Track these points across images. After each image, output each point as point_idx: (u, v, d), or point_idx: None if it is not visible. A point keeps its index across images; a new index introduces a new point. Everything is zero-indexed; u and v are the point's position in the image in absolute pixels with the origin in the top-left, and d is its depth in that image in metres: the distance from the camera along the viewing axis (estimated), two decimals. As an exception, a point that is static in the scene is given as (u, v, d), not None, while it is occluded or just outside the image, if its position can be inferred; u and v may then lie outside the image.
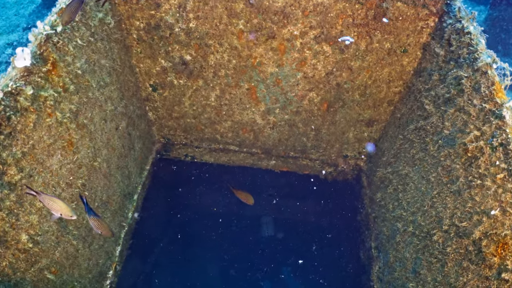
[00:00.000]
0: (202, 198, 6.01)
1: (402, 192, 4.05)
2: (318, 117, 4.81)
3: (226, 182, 5.85)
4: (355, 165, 5.53)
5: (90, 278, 4.01)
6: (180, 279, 5.82)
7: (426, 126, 3.70)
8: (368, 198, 5.07)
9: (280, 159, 5.54)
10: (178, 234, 5.86)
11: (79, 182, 3.55)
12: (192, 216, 5.89)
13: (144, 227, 5.46)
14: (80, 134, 3.48)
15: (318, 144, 5.22)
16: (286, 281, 5.47)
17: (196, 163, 5.89)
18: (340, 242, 5.47)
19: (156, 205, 5.74)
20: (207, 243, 5.84)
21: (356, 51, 4.13)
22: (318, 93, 4.52)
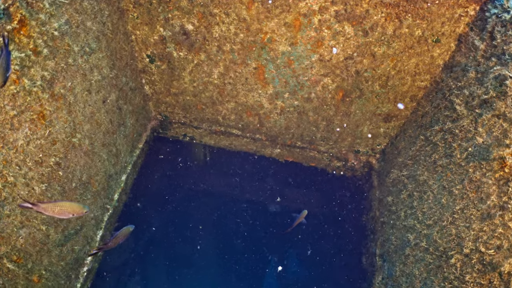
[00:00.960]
0: (199, 181, 5.60)
1: (417, 200, 3.57)
2: (331, 106, 4.30)
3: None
4: (367, 162, 5.03)
5: (63, 266, 3.65)
6: (167, 264, 5.50)
7: (454, 130, 3.18)
8: (377, 200, 4.60)
9: (285, 148, 5.06)
10: (170, 218, 5.50)
11: (52, 160, 3.13)
12: (187, 200, 5.50)
13: (133, 209, 5.09)
14: (55, 106, 3.04)
15: (328, 135, 4.72)
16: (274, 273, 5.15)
17: (195, 144, 5.44)
18: (341, 242, 5.04)
19: (148, 186, 5.35)
20: (199, 229, 5.48)
21: (382, 35, 3.58)
22: (334, 79, 4.00)
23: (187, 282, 5.40)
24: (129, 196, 5.01)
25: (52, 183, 3.21)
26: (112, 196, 4.45)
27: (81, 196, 3.69)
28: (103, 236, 4.31)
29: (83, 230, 3.90)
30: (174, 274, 5.49)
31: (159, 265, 6.97)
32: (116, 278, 6.21)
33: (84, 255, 4.04)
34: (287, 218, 5.38)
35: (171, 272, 5.91)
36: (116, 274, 6.12)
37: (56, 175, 3.25)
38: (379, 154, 4.93)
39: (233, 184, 5.53)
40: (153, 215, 5.40)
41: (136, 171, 5.15)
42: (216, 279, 5.36)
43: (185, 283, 5.39)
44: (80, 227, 3.81)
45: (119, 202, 4.64)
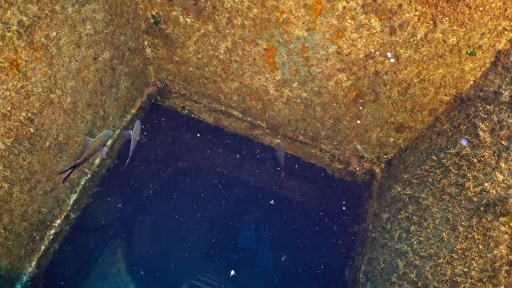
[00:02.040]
0: (191, 157, 5.31)
1: (416, 226, 3.23)
2: (342, 105, 3.92)
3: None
4: (370, 169, 4.67)
5: (26, 226, 3.40)
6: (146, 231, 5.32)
7: (472, 158, 2.80)
8: (373, 212, 4.26)
9: (286, 139, 4.71)
10: (154, 189, 5.25)
11: (23, 115, 2.83)
12: (175, 174, 5.23)
13: (116, 176, 4.82)
14: (33, 56, 2.71)
15: (334, 135, 4.36)
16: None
17: (193, 119, 5.11)
18: (326, 247, 4.75)
19: (137, 154, 5.07)
20: (185, 201, 5.25)
21: (411, 37, 3.17)
22: (349, 76, 3.60)
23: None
24: (115, 162, 4.74)
25: (21, 139, 2.92)
26: (93, 161, 4.17)
27: (54, 157, 3.40)
28: (76, 200, 4.05)
29: (54, 192, 3.64)
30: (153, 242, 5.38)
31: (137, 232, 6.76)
32: (90, 242, 6.01)
33: (52, 218, 3.79)
34: (274, 208, 5.10)
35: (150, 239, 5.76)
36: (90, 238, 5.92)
37: (27, 132, 2.95)
38: (384, 164, 4.56)
39: (227, 165, 5.22)
40: (138, 184, 5.14)
41: (125, 137, 4.85)
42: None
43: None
44: (50, 189, 3.55)
45: (101, 167, 4.37)
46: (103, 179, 4.60)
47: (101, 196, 4.64)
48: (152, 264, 8.40)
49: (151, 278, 8.25)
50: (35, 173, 3.22)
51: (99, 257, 7.48)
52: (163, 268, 8.26)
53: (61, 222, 3.91)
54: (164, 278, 8.52)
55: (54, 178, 3.52)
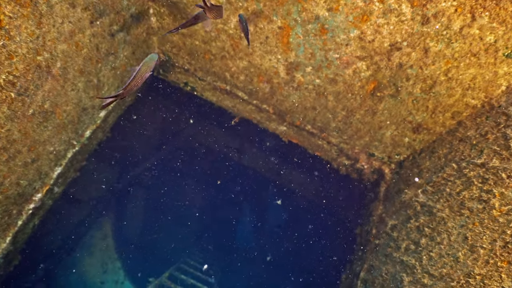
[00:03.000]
0: (190, 136, 5.01)
1: (427, 239, 2.94)
2: (357, 97, 3.58)
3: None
4: (379, 169, 4.36)
5: (0, 199, 3.13)
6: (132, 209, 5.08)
7: (500, 172, 2.49)
8: (379, 216, 3.98)
9: (292, 127, 4.39)
10: (147, 166, 4.97)
11: (2, 77, 2.52)
12: (171, 152, 4.95)
13: (108, 150, 4.53)
14: (19, 13, 2.38)
15: (344, 128, 4.03)
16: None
17: (195, 96, 4.79)
18: (324, 248, 4.49)
19: (134, 129, 4.77)
20: (177, 180, 4.99)
21: (445, 29, 2.82)
22: (370, 66, 3.26)
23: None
24: (108, 135, 4.44)
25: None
26: (83, 132, 3.86)
27: (38, 126, 3.10)
28: (61, 173, 3.77)
29: (36, 164, 3.35)
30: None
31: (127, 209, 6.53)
32: (76, 217, 5.78)
33: (33, 191, 3.52)
34: (271, 201, 4.83)
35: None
36: (76, 213, 5.69)
37: (7, 96, 2.64)
38: (395, 165, 4.25)
39: (226, 146, 4.93)
40: (131, 159, 4.87)
41: (121, 109, 4.54)
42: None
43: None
44: (32, 160, 3.26)
45: (91, 140, 4.07)
46: (94, 153, 4.31)
47: (90, 171, 4.37)
48: (141, 242, 8.20)
49: (140, 257, 8.05)
50: (15, 142, 2.92)
51: (87, 233, 7.27)
52: (153, 247, 8.06)
53: (43, 196, 3.64)
54: (153, 258, 8.33)
55: (36, 148, 3.23)
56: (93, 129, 3.95)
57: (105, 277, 8.00)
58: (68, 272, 7.69)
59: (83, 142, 3.90)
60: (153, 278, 5.68)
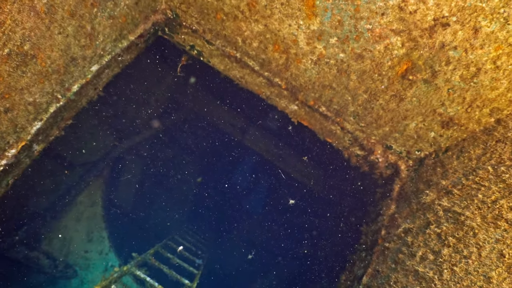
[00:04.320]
0: (191, 106, 4.57)
1: (450, 250, 2.52)
2: (385, 78, 3.13)
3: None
4: (394, 164, 3.93)
5: (-36, 148, 2.72)
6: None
7: (556, 181, 2.05)
8: (390, 216, 3.56)
9: (305, 107, 3.94)
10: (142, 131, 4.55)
11: (-33, 1, 2.07)
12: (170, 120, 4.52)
13: (99, 110, 4.11)
14: None
15: (363, 114, 3.58)
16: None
17: (201, 62, 4.33)
18: (324, 244, 4.09)
19: (130, 91, 4.33)
20: (172, 150, 4.57)
21: (503, 7, 2.34)
22: (406, 43, 2.80)
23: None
24: (100, 94, 4.00)
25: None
26: (70, 86, 3.43)
27: (15, 69, 2.67)
28: (42, 130, 3.35)
29: (11, 114, 2.92)
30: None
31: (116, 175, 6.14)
32: (59, 180, 5.40)
33: (5, 145, 3.10)
34: (271, 188, 4.41)
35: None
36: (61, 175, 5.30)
37: (-26, 26, 2.20)
38: (414, 161, 3.81)
39: (229, 121, 4.50)
40: (124, 122, 4.45)
41: (119, 67, 4.09)
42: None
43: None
44: (5, 109, 2.83)
45: (80, 96, 3.64)
46: (82, 111, 3.88)
47: (77, 131, 3.96)
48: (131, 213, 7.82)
49: (128, 229, 7.68)
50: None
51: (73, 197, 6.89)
52: (143, 220, 7.67)
53: (17, 152, 3.22)
54: (142, 231, 7.96)
55: (12, 96, 2.81)
56: (82, 83, 3.51)
57: (89, 246, 7.70)
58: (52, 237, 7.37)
59: (69, 97, 3.47)
60: (137, 254, 5.31)
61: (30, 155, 3.47)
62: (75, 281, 7.36)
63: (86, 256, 7.59)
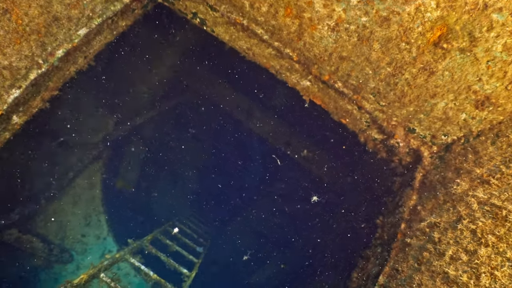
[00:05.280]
0: (191, 82, 4.17)
1: (489, 250, 2.11)
2: (414, 47, 2.69)
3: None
4: (416, 150, 3.50)
5: None
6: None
7: None
8: (411, 208, 3.14)
9: (318, 83, 3.51)
10: (137, 107, 4.17)
11: None
12: (166, 98, 4.13)
13: (89, 81, 3.72)
14: None
15: (385, 91, 3.15)
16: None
17: (203, 32, 3.91)
18: (334, 238, 3.70)
19: (123, 61, 3.93)
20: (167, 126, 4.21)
21: None
22: (441, 3, 2.36)
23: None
24: (91, 63, 3.62)
25: None
26: (53, 51, 3.03)
27: (-20, 22, 2.28)
28: (21, 99, 2.97)
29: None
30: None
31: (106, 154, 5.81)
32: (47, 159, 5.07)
33: (-25, 112, 2.73)
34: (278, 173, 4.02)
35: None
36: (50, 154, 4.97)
37: None
38: (439, 147, 3.38)
39: (234, 100, 4.10)
40: (116, 95, 4.06)
41: (112, 34, 3.69)
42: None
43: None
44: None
45: (67, 64, 3.25)
46: (71, 81, 3.50)
47: (64, 104, 3.59)
48: (131, 196, 7.48)
49: (128, 213, 7.34)
50: None
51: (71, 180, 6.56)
52: (143, 204, 7.32)
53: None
54: (142, 215, 7.62)
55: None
56: (68, 49, 3.12)
57: (87, 230, 7.41)
58: (48, 220, 7.08)
59: (53, 63, 3.07)
60: (132, 240, 4.98)
61: (10, 128, 3.11)
62: (71, 266, 7.08)
63: (83, 240, 7.30)
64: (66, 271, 7.03)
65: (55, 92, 3.36)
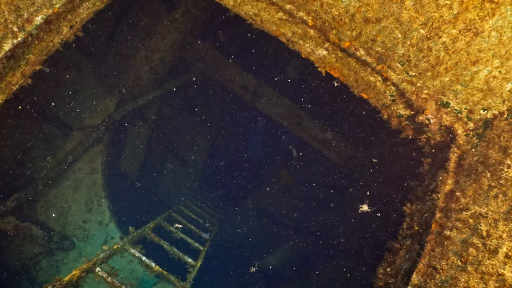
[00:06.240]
0: (190, 56, 3.74)
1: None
2: (455, 3, 2.23)
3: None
4: (450, 127, 3.06)
5: None
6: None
7: None
8: (446, 194, 2.73)
9: (336, 52, 3.05)
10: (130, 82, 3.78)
11: None
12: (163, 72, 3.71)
13: (76, 54, 3.31)
14: None
15: (417, 58, 2.70)
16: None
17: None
18: (353, 229, 3.31)
19: (114, 31, 3.49)
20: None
21: None
22: None
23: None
24: (78, 34, 3.19)
25: None
26: (30, 17, 2.61)
27: None
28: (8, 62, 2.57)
29: None
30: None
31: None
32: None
33: None
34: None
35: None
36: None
37: None
38: (476, 124, 2.94)
39: (240, 75, 3.67)
40: (108, 69, 3.65)
41: (102, 2, 3.25)
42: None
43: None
44: None
45: (47, 32, 2.83)
46: (56, 55, 3.08)
47: (48, 79, 3.18)
48: (135, 179, 7.13)
49: (130, 197, 7.01)
50: None
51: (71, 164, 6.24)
52: (148, 187, 7.01)
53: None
54: (148, 200, 7.29)
55: None
56: (48, 15, 2.69)
57: (88, 216, 7.12)
58: (48, 206, 6.80)
59: (30, 31, 2.66)
60: (133, 228, 4.64)
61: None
62: (72, 253, 6.82)
63: (84, 226, 7.01)
64: (67, 259, 6.77)
65: (38, 67, 2.95)
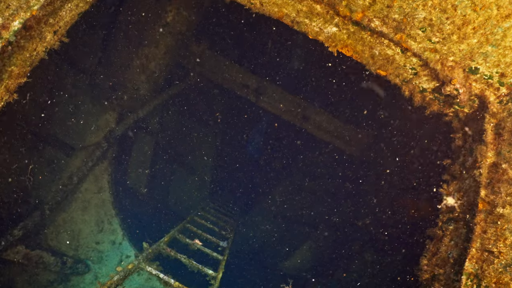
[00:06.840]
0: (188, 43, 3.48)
1: None
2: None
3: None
4: (480, 96, 2.77)
5: None
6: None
7: None
8: (489, 167, 2.43)
9: (348, 27, 2.77)
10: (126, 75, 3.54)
11: None
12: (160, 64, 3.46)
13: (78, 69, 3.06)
14: None
15: (440, 21, 2.41)
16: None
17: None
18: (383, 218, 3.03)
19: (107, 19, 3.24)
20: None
21: None
22: None
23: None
24: (62, 39, 2.94)
25: None
26: (6, 22, 2.35)
27: None
28: None
29: None
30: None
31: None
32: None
33: None
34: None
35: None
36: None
37: None
38: (509, 88, 2.65)
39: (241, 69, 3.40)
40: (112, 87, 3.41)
41: (86, 1, 3.01)
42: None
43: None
44: None
45: (28, 40, 2.58)
46: (47, 67, 2.83)
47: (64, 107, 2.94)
48: (145, 194, 6.88)
49: (141, 213, 6.75)
50: None
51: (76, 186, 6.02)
52: (158, 200, 6.79)
53: None
54: (157, 213, 7.03)
55: None
56: (25, 19, 2.44)
57: (100, 237, 6.89)
58: (58, 231, 6.58)
59: (7, 38, 2.40)
60: (147, 244, 4.37)
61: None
62: (88, 276, 6.57)
63: (97, 248, 6.77)
64: (84, 283, 6.53)
65: (23, 80, 2.70)
